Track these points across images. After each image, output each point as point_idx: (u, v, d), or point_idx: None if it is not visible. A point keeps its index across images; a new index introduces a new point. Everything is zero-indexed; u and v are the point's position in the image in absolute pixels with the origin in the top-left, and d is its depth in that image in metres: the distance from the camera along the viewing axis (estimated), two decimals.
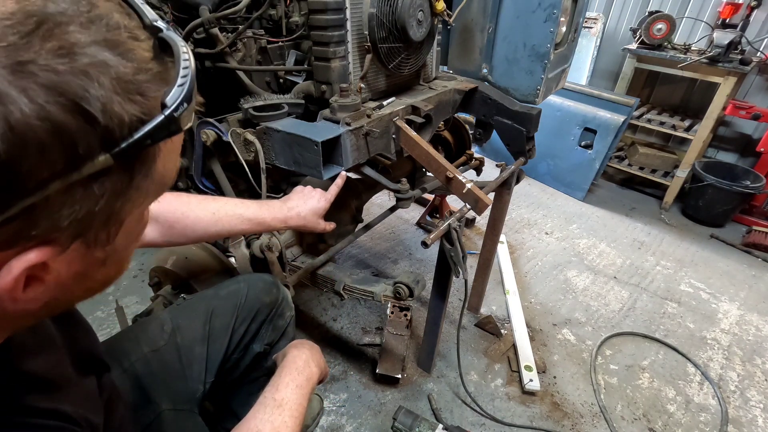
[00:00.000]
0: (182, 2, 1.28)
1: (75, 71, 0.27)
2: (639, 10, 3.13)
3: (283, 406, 0.69)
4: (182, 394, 0.82)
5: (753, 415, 1.61)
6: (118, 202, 0.33)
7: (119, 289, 2.02)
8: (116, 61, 0.29)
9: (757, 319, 2.06)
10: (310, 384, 0.77)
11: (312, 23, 1.04)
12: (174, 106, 0.32)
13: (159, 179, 0.36)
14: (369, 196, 1.67)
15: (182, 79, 0.33)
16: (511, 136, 1.40)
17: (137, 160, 0.33)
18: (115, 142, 0.29)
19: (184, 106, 0.33)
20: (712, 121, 2.63)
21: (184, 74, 0.33)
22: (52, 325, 0.51)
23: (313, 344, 0.89)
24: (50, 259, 0.31)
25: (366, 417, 1.52)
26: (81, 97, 0.27)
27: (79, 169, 0.28)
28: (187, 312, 0.91)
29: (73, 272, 0.35)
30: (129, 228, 0.38)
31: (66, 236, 0.31)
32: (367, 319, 1.92)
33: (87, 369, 0.54)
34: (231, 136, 1.08)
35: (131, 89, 0.30)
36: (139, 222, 0.41)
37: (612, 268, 2.36)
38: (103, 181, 0.30)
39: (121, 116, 0.29)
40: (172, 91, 0.32)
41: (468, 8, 1.33)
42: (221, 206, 0.89)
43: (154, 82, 0.32)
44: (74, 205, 0.30)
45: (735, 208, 2.75)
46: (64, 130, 0.27)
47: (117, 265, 0.41)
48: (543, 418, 1.55)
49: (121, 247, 0.39)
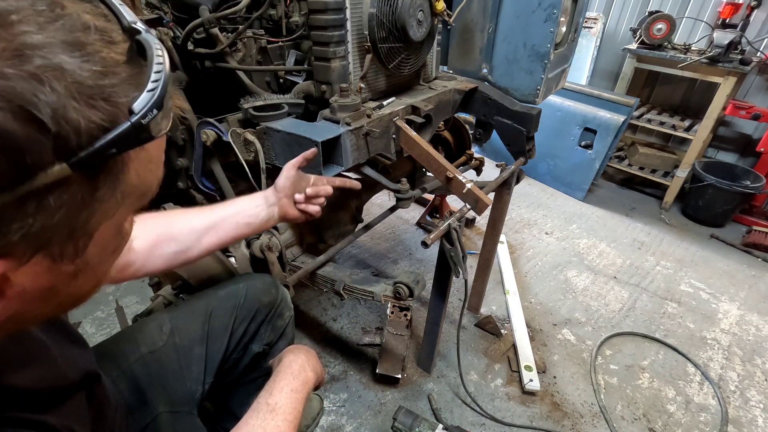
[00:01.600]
0: (182, 2, 1.28)
1: (24, 75, 0.25)
2: (639, 10, 3.13)
3: (276, 410, 0.69)
4: (180, 395, 0.82)
5: (753, 415, 1.61)
6: (81, 214, 0.31)
7: (119, 289, 2.02)
8: (75, 64, 0.27)
9: (757, 319, 2.06)
10: (306, 389, 0.76)
11: (312, 23, 1.04)
12: (142, 112, 0.30)
13: (133, 190, 0.34)
14: (369, 196, 1.67)
15: (153, 84, 0.31)
16: (511, 136, 1.40)
17: (101, 170, 0.30)
18: (71, 151, 0.27)
19: (154, 113, 0.30)
20: (712, 121, 2.63)
21: (156, 78, 0.31)
22: (44, 336, 0.50)
23: (310, 349, 0.88)
24: (8, 271, 0.30)
25: (366, 417, 1.52)
26: (29, 102, 0.25)
27: (29, 180, 0.26)
28: (186, 312, 0.91)
29: (39, 286, 0.33)
30: (102, 241, 0.36)
31: (22, 249, 0.29)
32: (367, 319, 1.92)
33: (76, 380, 0.53)
34: (231, 136, 1.08)
35: (93, 94, 0.28)
36: (115, 235, 0.38)
37: (612, 268, 2.36)
38: (60, 193, 0.28)
39: (78, 123, 0.27)
40: (141, 96, 0.30)
41: (468, 8, 1.33)
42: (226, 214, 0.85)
43: (123, 86, 0.30)
44: (26, 219, 0.27)
45: (735, 208, 2.75)
46: (10, 138, 0.24)
47: (92, 280, 0.39)
48: (543, 418, 1.55)
49: (95, 260, 0.36)
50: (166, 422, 0.77)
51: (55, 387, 0.48)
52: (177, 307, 0.94)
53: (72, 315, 1.85)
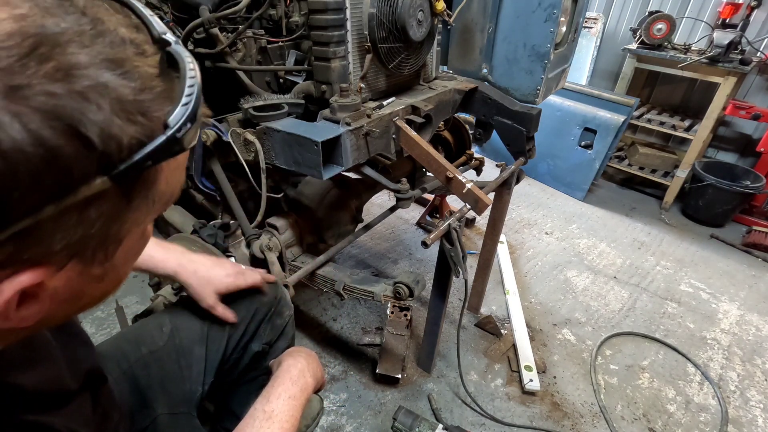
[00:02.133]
0: (182, 2, 1.28)
1: (72, 94, 0.26)
2: (639, 10, 3.13)
3: (272, 418, 0.68)
4: (180, 396, 0.82)
5: (753, 415, 1.61)
6: (116, 223, 0.32)
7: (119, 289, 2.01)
8: (117, 82, 0.28)
9: (757, 319, 2.06)
10: (305, 394, 0.76)
11: (312, 23, 1.04)
12: (177, 126, 0.31)
13: (161, 197, 0.35)
14: (369, 196, 1.67)
15: (187, 98, 0.32)
16: (511, 136, 1.40)
17: (137, 181, 0.31)
18: (113, 165, 0.28)
19: (188, 126, 0.31)
20: (712, 121, 2.63)
21: (189, 92, 0.32)
22: (51, 338, 0.50)
23: (311, 352, 0.87)
24: (46, 278, 0.31)
25: (366, 417, 1.52)
26: (78, 121, 0.26)
27: (73, 193, 0.27)
28: (186, 312, 0.91)
29: (69, 290, 0.34)
30: (129, 246, 0.37)
31: (61, 257, 0.31)
32: (367, 319, 1.92)
33: (83, 382, 0.53)
34: (231, 136, 1.08)
35: (132, 110, 0.29)
36: (140, 239, 0.40)
37: (612, 268, 2.36)
38: (100, 205, 0.29)
39: (120, 139, 0.28)
40: (176, 110, 0.31)
41: (468, 8, 1.33)
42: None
43: (158, 101, 0.31)
44: (68, 229, 0.29)
45: (735, 208, 2.75)
46: (59, 155, 0.26)
47: (115, 281, 0.40)
48: (543, 418, 1.55)
49: (120, 263, 0.38)
50: (165, 424, 0.77)
51: (60, 388, 0.48)
52: (177, 307, 0.94)
53: None
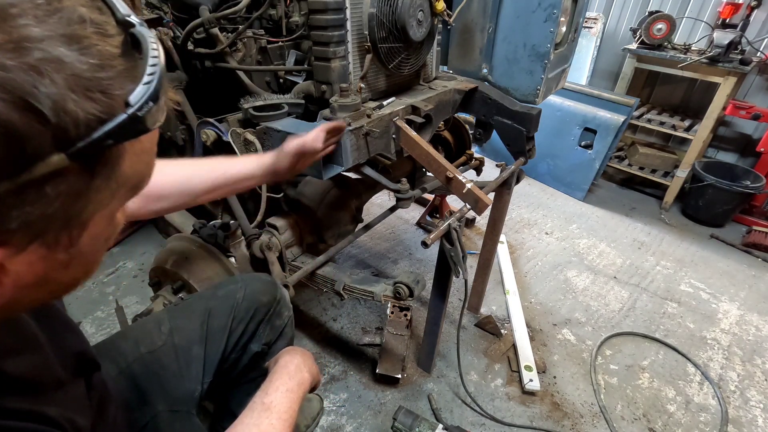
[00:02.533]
0: (182, 2, 1.28)
1: (24, 67, 0.25)
2: (639, 10, 3.13)
3: (270, 409, 0.69)
4: (179, 395, 0.82)
5: (753, 415, 1.61)
6: (77, 203, 0.32)
7: (119, 289, 2.02)
8: (73, 57, 0.28)
9: (757, 319, 2.06)
10: (302, 389, 0.77)
11: (312, 23, 1.04)
12: (138, 105, 0.30)
13: (126, 181, 0.35)
14: (369, 196, 1.67)
15: (149, 77, 0.31)
16: (511, 136, 1.40)
17: (98, 160, 0.31)
18: (70, 142, 0.28)
19: (150, 105, 0.31)
20: (712, 121, 2.63)
21: (152, 72, 0.32)
22: (35, 325, 0.50)
23: (306, 351, 0.88)
24: (5, 259, 0.30)
25: (366, 417, 1.52)
26: (29, 94, 0.25)
27: (28, 169, 0.27)
28: (185, 312, 0.91)
29: (33, 274, 0.34)
30: (95, 231, 0.36)
31: (19, 237, 0.30)
32: (367, 319, 1.92)
33: (75, 369, 0.53)
34: (231, 136, 1.08)
35: (90, 86, 0.28)
36: (108, 224, 0.39)
37: (612, 268, 2.36)
38: (58, 183, 0.29)
39: (76, 114, 0.27)
40: (137, 89, 0.31)
41: (468, 8, 1.33)
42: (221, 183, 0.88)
43: (119, 79, 0.30)
44: (24, 207, 0.28)
45: (735, 208, 2.75)
46: (10, 128, 0.25)
47: (84, 268, 0.39)
48: (543, 418, 1.55)
49: (88, 249, 0.37)
50: (165, 421, 0.77)
51: (50, 375, 0.47)
52: (176, 307, 0.94)
53: (72, 315, 1.85)
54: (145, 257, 2.21)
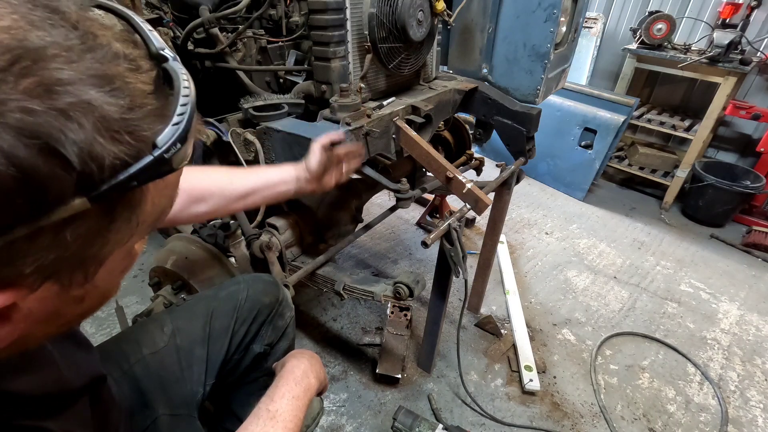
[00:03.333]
0: (182, 2, 1.28)
1: (52, 112, 0.24)
2: (639, 10, 3.13)
3: (276, 417, 0.68)
4: (180, 397, 0.82)
5: (753, 415, 1.61)
6: (95, 245, 0.30)
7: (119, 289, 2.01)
8: (104, 100, 0.27)
9: (757, 319, 2.06)
10: (308, 395, 0.76)
11: (312, 23, 1.04)
12: (166, 147, 0.29)
13: (147, 217, 0.34)
14: (369, 196, 1.67)
15: (178, 117, 0.30)
16: (511, 136, 1.40)
17: (120, 202, 0.30)
18: (93, 186, 0.27)
19: (177, 147, 0.30)
20: (712, 121, 2.63)
21: (182, 111, 0.30)
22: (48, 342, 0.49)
23: (314, 354, 0.88)
24: (17, 300, 0.29)
25: (366, 417, 1.52)
26: (56, 140, 0.24)
27: (47, 214, 0.25)
28: (187, 313, 0.91)
29: (45, 310, 0.33)
30: (112, 266, 0.35)
31: (33, 279, 0.29)
32: (367, 319, 1.92)
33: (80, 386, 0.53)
34: (231, 136, 1.08)
35: (118, 129, 0.27)
36: (125, 258, 0.38)
37: (612, 268, 2.36)
38: (78, 226, 0.28)
39: (102, 159, 0.26)
40: (165, 130, 0.29)
41: (468, 8, 1.33)
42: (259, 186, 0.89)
43: (148, 119, 0.29)
44: (41, 251, 0.27)
45: (735, 208, 2.75)
46: (33, 175, 0.24)
47: (98, 300, 0.39)
48: (543, 418, 1.55)
49: (103, 284, 0.36)
50: (165, 425, 0.77)
51: (58, 392, 0.47)
52: (178, 308, 0.94)
53: None
54: (145, 257, 2.20)
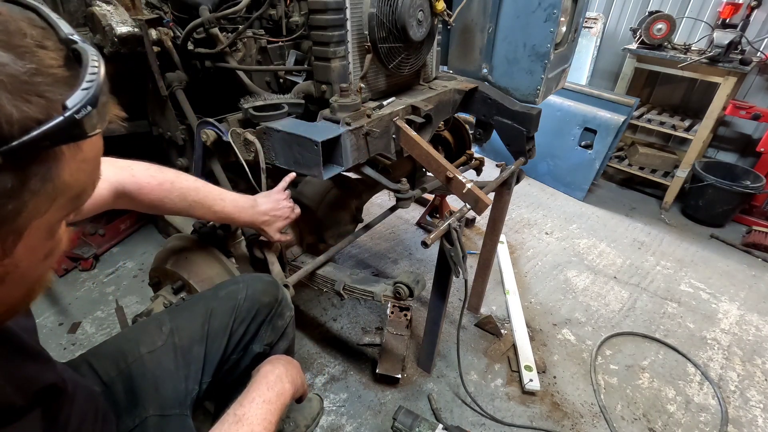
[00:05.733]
0: (182, 2, 1.28)
1: None
2: (639, 10, 3.13)
3: (242, 421, 0.68)
4: (174, 396, 0.81)
5: (753, 415, 1.61)
6: (9, 204, 0.31)
7: (119, 289, 2.02)
8: (9, 59, 0.29)
9: (757, 319, 2.06)
10: (281, 400, 0.76)
11: (312, 23, 1.04)
12: (75, 108, 0.31)
13: (66, 189, 0.35)
14: (369, 196, 1.67)
15: (87, 84, 0.33)
16: (511, 136, 1.40)
17: (32, 161, 0.31)
18: (3, 140, 0.28)
19: (87, 110, 0.32)
20: (712, 121, 2.63)
21: (90, 79, 0.33)
22: None
23: (291, 360, 0.88)
24: None
25: (366, 417, 1.52)
26: None
27: None
28: (186, 312, 0.91)
29: None
30: (32, 242, 0.36)
31: None
32: (367, 319, 1.92)
33: (33, 398, 0.51)
34: (231, 136, 1.08)
35: (27, 90, 0.29)
36: (47, 238, 0.38)
37: (612, 268, 2.36)
38: None
39: (10, 114, 0.28)
40: (74, 93, 0.32)
41: (468, 8, 1.33)
42: (199, 199, 0.95)
43: (58, 85, 0.31)
44: None
45: (735, 208, 2.75)
46: None
47: (22, 286, 0.39)
48: (543, 418, 1.55)
49: (25, 264, 0.36)
50: (154, 426, 0.76)
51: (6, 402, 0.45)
52: (177, 308, 0.94)
53: (71, 315, 1.85)
54: (145, 257, 2.21)
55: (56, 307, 1.91)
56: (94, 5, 1.13)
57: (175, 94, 1.28)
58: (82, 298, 1.96)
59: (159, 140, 1.45)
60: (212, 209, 0.97)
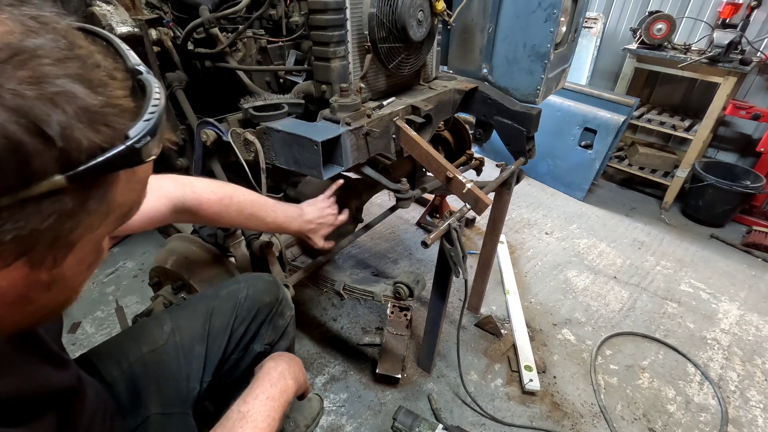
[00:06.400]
0: (182, 2, 1.29)
1: (41, 98, 0.29)
2: (639, 10, 3.13)
3: (246, 417, 0.68)
4: (176, 394, 0.82)
5: (753, 415, 1.61)
6: (67, 223, 0.34)
7: (119, 289, 2.02)
8: (84, 93, 0.31)
9: (757, 319, 2.06)
10: (284, 397, 0.76)
11: (312, 23, 1.04)
12: (136, 138, 0.34)
13: (116, 208, 0.37)
14: (369, 196, 1.67)
15: (149, 116, 0.35)
16: (511, 136, 1.40)
17: (93, 184, 0.34)
18: (71, 165, 0.31)
19: (147, 139, 0.34)
20: (712, 121, 2.63)
21: (152, 111, 0.36)
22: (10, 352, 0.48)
23: (293, 357, 0.88)
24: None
25: (366, 417, 1.52)
26: (42, 121, 0.29)
27: (30, 185, 0.29)
28: (187, 312, 0.91)
29: (14, 292, 0.35)
30: (80, 255, 0.38)
31: (9, 251, 0.32)
32: (367, 319, 1.92)
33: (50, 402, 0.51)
34: (231, 136, 1.08)
35: (96, 120, 0.32)
36: (93, 250, 0.41)
37: (612, 268, 2.36)
38: (54, 201, 0.31)
39: (80, 142, 0.31)
40: (137, 124, 0.34)
41: (468, 8, 1.33)
42: (254, 212, 0.99)
43: (123, 116, 0.34)
44: (20, 221, 0.30)
45: (735, 208, 2.75)
46: (20, 147, 0.28)
47: (65, 293, 0.41)
48: (543, 418, 1.55)
49: (71, 273, 0.39)
50: (156, 424, 0.76)
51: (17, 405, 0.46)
52: (178, 307, 0.94)
53: (71, 315, 1.85)
54: (145, 257, 2.21)
55: None
56: (94, 5, 1.13)
57: (175, 94, 1.28)
58: (82, 298, 1.94)
59: None
60: (265, 221, 1.01)
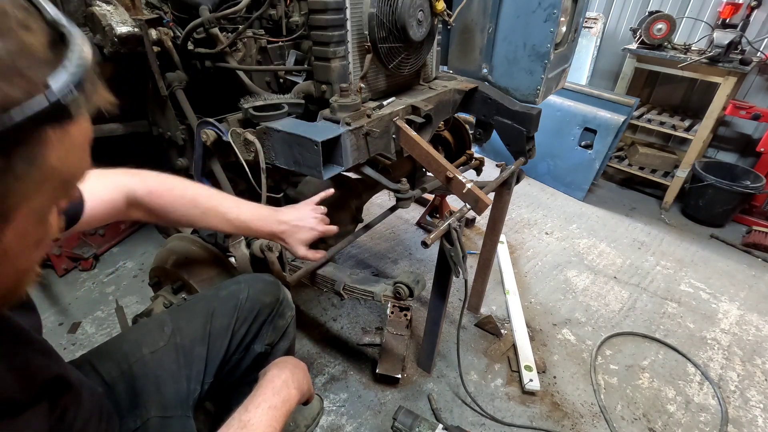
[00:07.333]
0: (182, 2, 1.28)
1: None
2: (639, 10, 3.13)
3: (247, 426, 0.67)
4: (176, 397, 0.81)
5: (753, 415, 1.61)
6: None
7: (119, 289, 2.02)
8: None
9: (757, 319, 2.06)
10: (287, 406, 0.75)
11: (312, 23, 1.04)
12: (59, 88, 0.31)
13: (53, 173, 0.34)
14: (369, 196, 1.67)
15: (73, 68, 0.32)
16: (511, 136, 1.40)
17: (17, 144, 0.31)
18: None
19: (73, 92, 0.32)
20: (712, 121, 2.63)
21: (77, 63, 0.32)
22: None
23: (299, 362, 0.87)
24: None
25: (366, 417, 1.52)
26: None
27: None
28: (188, 313, 0.91)
29: None
30: (22, 227, 0.35)
31: None
32: (367, 319, 1.92)
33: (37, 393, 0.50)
34: (231, 136, 1.08)
35: (8, 70, 0.29)
36: (37, 224, 0.38)
37: (612, 268, 2.36)
38: None
39: None
40: (58, 75, 0.31)
41: (468, 8, 1.33)
42: (212, 206, 0.92)
43: (41, 66, 0.31)
44: None
45: (735, 208, 2.75)
46: None
47: (12, 273, 0.38)
48: (543, 418, 1.55)
49: (14, 249, 0.36)
50: (156, 428, 0.76)
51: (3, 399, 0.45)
52: (178, 308, 0.94)
53: (71, 315, 1.85)
54: (145, 257, 2.21)
55: (56, 307, 1.91)
56: (94, 5, 1.13)
57: (175, 94, 1.28)
58: (82, 298, 1.96)
59: (159, 140, 1.45)
60: (226, 217, 0.92)
